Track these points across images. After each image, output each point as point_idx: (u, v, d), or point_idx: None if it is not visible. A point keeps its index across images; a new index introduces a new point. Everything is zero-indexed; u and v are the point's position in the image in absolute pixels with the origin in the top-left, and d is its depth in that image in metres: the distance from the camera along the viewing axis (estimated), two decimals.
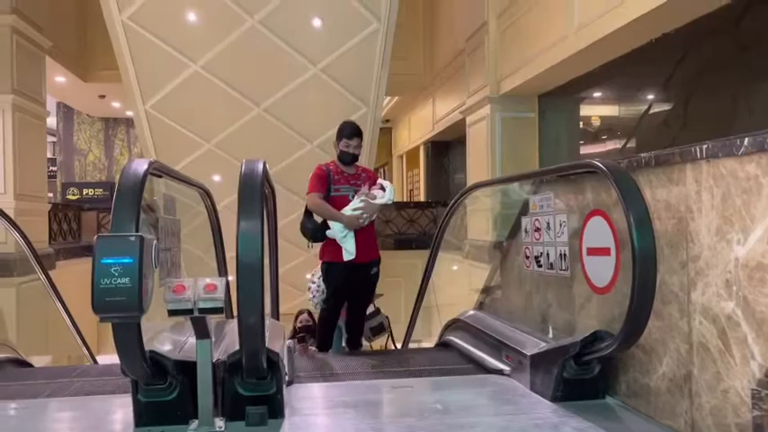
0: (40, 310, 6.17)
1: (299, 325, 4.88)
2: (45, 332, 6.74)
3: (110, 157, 14.06)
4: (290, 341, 3.31)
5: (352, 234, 3.86)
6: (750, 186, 1.83)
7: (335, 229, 3.85)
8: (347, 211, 3.85)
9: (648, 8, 4.21)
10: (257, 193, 2.16)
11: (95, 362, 5.88)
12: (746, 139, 1.84)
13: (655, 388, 2.28)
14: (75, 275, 9.11)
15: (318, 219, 3.98)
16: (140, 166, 2.12)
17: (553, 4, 5.67)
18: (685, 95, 5.19)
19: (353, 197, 3.92)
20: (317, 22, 6.56)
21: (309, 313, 5.03)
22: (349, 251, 3.86)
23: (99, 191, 13.48)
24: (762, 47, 4.22)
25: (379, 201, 3.93)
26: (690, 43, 4.82)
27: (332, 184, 3.93)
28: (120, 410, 2.58)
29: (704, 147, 2.01)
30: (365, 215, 3.83)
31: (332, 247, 3.91)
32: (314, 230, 3.93)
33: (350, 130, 3.98)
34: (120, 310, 1.86)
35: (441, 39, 9.84)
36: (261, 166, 2.28)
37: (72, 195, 13.27)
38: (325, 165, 4.02)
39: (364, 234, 3.94)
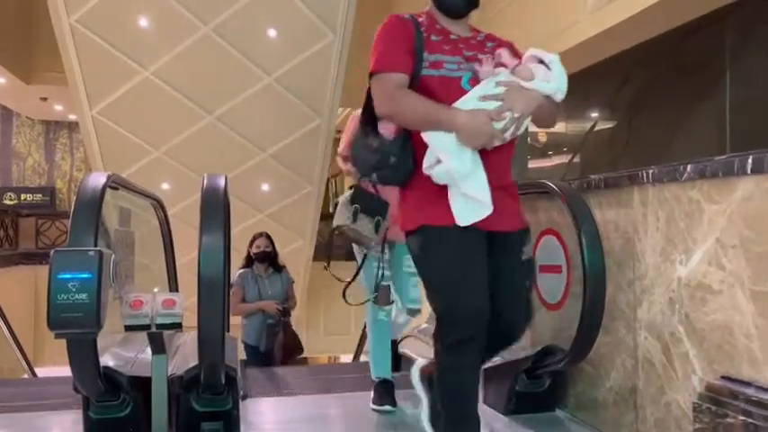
0: None
1: (254, 251, 4.92)
2: None
3: (50, 162, 13.58)
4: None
5: (478, 162, 1.76)
6: (692, 210, 1.95)
7: (441, 149, 1.74)
8: (468, 103, 1.75)
9: (595, 32, 4.41)
10: (220, 208, 2.16)
11: (35, 375, 5.68)
12: (689, 166, 1.96)
13: (602, 401, 2.38)
14: (11, 284, 8.76)
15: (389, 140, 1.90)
16: (99, 179, 2.08)
17: (507, 24, 5.84)
18: (629, 116, 5.43)
19: (471, 80, 1.84)
20: (272, 33, 6.54)
21: (268, 236, 5.07)
22: (478, 199, 1.74)
23: (38, 196, 13.00)
24: (699, 72, 4.46)
25: (539, 85, 1.79)
26: (633, 66, 5.05)
27: (424, 52, 1.85)
28: (70, 428, 2.51)
29: (650, 171, 2.13)
30: (512, 115, 1.71)
31: (423, 197, 1.85)
32: (382, 172, 1.89)
33: None
34: (77, 326, 1.82)
35: None
36: (223, 181, 2.28)
37: (9, 201, 12.76)
38: (408, 14, 1.94)
39: (499, 166, 1.86)
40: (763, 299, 1.69)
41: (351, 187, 2.65)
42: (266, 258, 4.94)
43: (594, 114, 6.69)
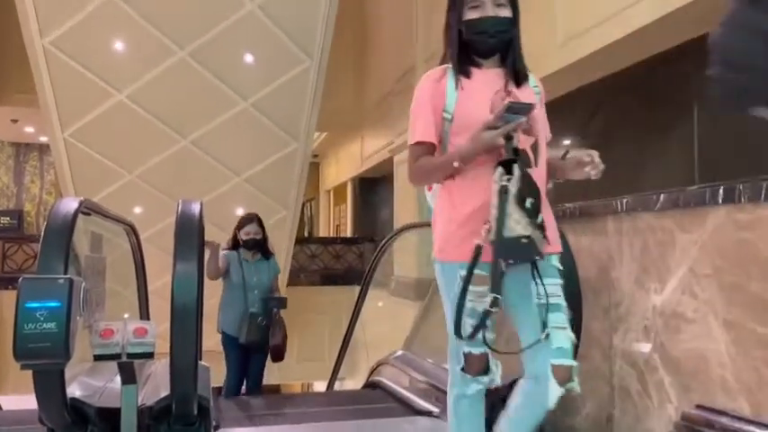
0: None
1: (243, 237, 4.47)
2: None
3: (19, 185, 13.31)
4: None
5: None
6: (665, 239, 1.98)
7: None
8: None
9: (564, 63, 4.50)
10: (194, 235, 2.14)
11: None
12: (662, 196, 1.99)
13: (579, 429, 2.38)
14: None
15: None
16: (70, 204, 2.04)
17: None
18: (601, 144, 5.52)
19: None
20: (248, 58, 6.55)
21: (259, 220, 4.60)
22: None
23: (6, 219, 12.70)
24: (664, 105, 4.57)
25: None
26: (603, 97, 5.16)
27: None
28: None
29: (624, 201, 2.16)
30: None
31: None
32: None
33: None
34: (45, 356, 1.77)
35: (370, 78, 10.03)
36: (198, 207, 2.25)
37: None
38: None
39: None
40: (736, 328, 1.71)
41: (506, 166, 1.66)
42: (255, 246, 4.53)
43: (567, 142, 6.81)
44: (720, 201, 1.76)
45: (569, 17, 4.32)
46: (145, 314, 3.72)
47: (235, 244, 4.57)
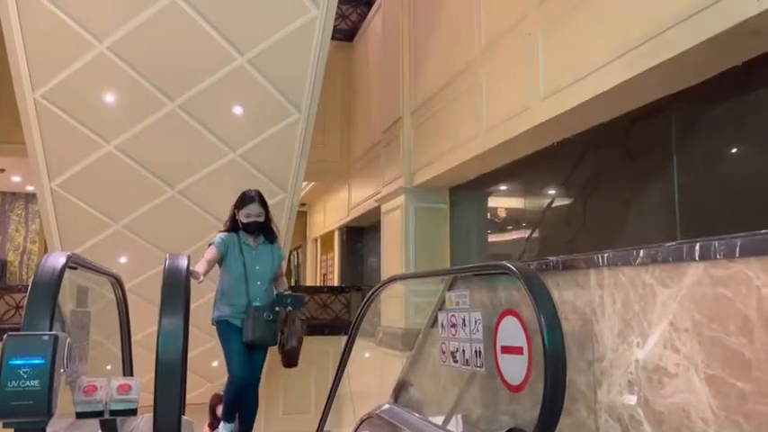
0: None
1: (244, 220, 3.99)
2: None
3: (3, 234, 13.20)
4: None
5: None
6: (646, 294, 2.02)
7: None
8: None
9: (548, 116, 4.62)
10: (181, 290, 2.14)
11: None
12: (642, 251, 2.04)
13: None
14: None
15: None
16: (57, 260, 2.05)
17: (463, 107, 6.08)
18: (584, 195, 5.62)
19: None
20: (237, 110, 6.66)
21: (261, 198, 4.14)
22: None
23: None
24: (647, 155, 4.69)
25: None
26: (586, 148, 5.28)
27: None
28: None
29: (605, 255, 2.21)
30: None
31: None
32: None
33: None
34: (27, 414, 1.75)
35: (358, 129, 10.20)
36: (186, 261, 2.26)
37: None
38: None
39: None
40: (717, 382, 1.73)
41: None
42: (258, 229, 3.97)
43: (551, 192, 6.93)
44: (697, 257, 1.81)
45: (551, 72, 4.47)
46: (128, 368, 3.67)
47: (233, 226, 3.96)
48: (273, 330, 3.81)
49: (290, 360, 3.95)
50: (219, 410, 4.67)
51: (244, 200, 3.95)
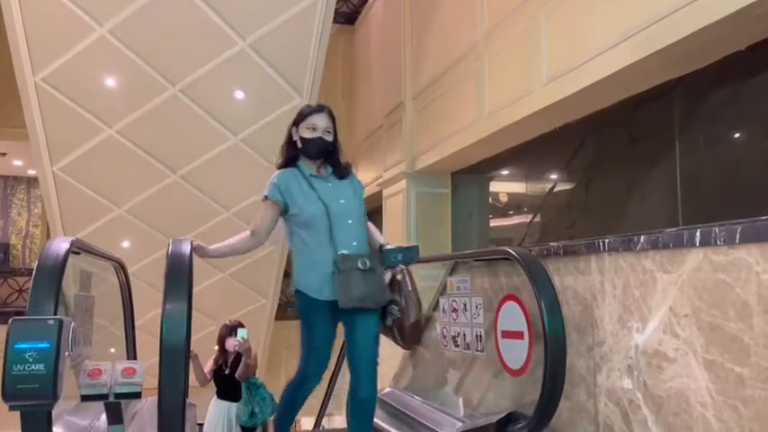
0: None
1: (306, 135, 2.67)
2: None
3: (5, 218, 13.23)
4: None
5: None
6: (646, 279, 2.03)
7: None
8: None
9: (550, 101, 4.60)
10: (185, 275, 2.15)
11: None
12: (642, 237, 2.05)
13: None
14: None
15: None
16: (61, 245, 2.06)
17: (465, 92, 6.05)
18: (585, 180, 5.62)
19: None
20: (239, 94, 6.64)
21: (330, 112, 2.83)
22: None
23: None
24: (650, 140, 4.68)
25: None
26: (588, 133, 5.27)
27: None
28: None
29: (606, 241, 2.21)
30: None
31: None
32: None
33: None
34: (33, 397, 1.77)
35: (359, 113, 10.17)
36: (188, 246, 2.27)
37: None
38: None
39: None
40: (716, 367, 1.75)
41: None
42: (324, 151, 2.74)
43: (553, 177, 6.92)
44: (698, 243, 1.82)
45: (554, 56, 4.45)
46: (132, 351, 3.70)
47: (292, 155, 2.81)
48: (382, 284, 2.67)
49: (412, 337, 2.93)
50: (228, 343, 4.49)
51: (306, 110, 2.79)
